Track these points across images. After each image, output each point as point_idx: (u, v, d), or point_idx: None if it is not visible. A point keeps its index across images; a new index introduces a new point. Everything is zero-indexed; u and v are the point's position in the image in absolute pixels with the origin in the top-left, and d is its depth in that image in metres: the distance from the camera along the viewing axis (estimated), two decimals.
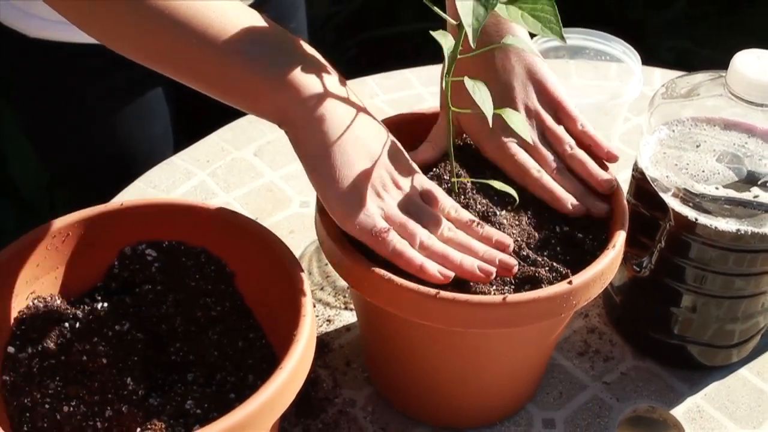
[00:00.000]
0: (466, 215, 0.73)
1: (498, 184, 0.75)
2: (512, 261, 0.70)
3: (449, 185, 0.76)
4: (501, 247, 0.71)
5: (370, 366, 0.85)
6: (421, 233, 0.70)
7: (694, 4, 2.51)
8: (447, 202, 0.73)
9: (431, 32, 0.71)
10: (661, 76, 1.23)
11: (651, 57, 1.34)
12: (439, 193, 0.73)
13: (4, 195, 1.91)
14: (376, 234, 0.69)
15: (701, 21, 2.47)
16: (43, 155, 1.21)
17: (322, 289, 0.94)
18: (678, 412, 0.84)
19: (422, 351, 0.76)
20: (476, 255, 0.70)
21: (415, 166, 0.74)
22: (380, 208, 0.70)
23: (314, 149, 0.69)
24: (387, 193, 0.71)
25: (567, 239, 0.75)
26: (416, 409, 0.81)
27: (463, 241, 0.71)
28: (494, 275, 0.69)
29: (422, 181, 0.73)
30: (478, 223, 0.72)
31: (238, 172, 1.07)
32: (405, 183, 0.72)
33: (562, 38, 0.65)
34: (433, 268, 0.68)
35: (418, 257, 0.69)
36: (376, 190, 0.70)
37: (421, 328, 0.71)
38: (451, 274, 0.68)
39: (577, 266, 0.72)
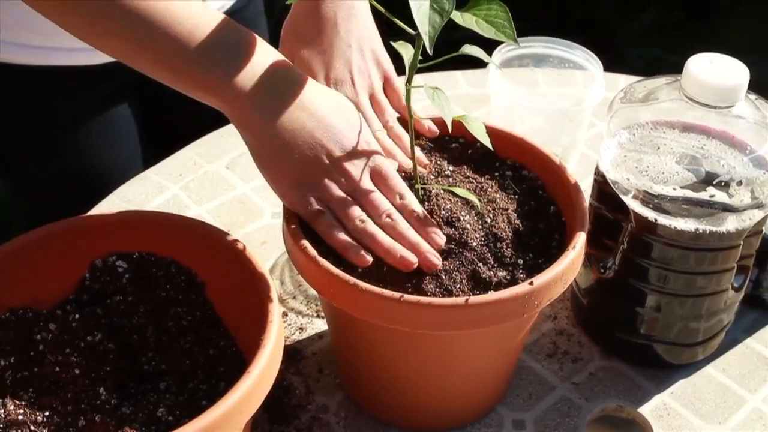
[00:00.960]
0: (412, 204, 0.75)
1: (461, 191, 0.76)
2: (435, 261, 0.73)
3: (413, 192, 0.78)
4: (433, 243, 0.74)
5: (341, 372, 0.86)
6: (356, 216, 0.74)
7: (663, 13, 2.55)
8: (397, 186, 0.76)
9: (392, 43, 0.72)
10: (625, 82, 1.25)
11: (621, 65, 1.36)
12: (391, 174, 0.76)
13: None
14: (309, 214, 0.74)
15: (670, 29, 2.50)
16: (11, 178, 1.22)
17: (294, 297, 0.95)
18: (645, 410, 0.86)
19: (390, 355, 0.77)
20: (406, 244, 0.73)
21: (374, 143, 0.77)
22: (319, 189, 0.74)
23: (257, 136, 0.74)
24: (330, 175, 0.74)
25: (529, 242, 0.77)
26: (387, 413, 0.83)
27: (398, 228, 0.74)
28: (414, 266, 0.72)
29: (377, 160, 0.76)
30: (419, 216, 0.75)
31: (210, 185, 1.09)
32: (356, 163, 0.75)
33: (515, 41, 0.67)
34: (356, 251, 0.73)
35: (345, 238, 0.73)
36: (316, 172, 0.74)
37: (387, 332, 0.72)
38: (369, 258, 0.72)
39: (539, 268, 0.74)
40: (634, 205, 0.81)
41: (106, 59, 1.07)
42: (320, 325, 0.92)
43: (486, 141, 0.74)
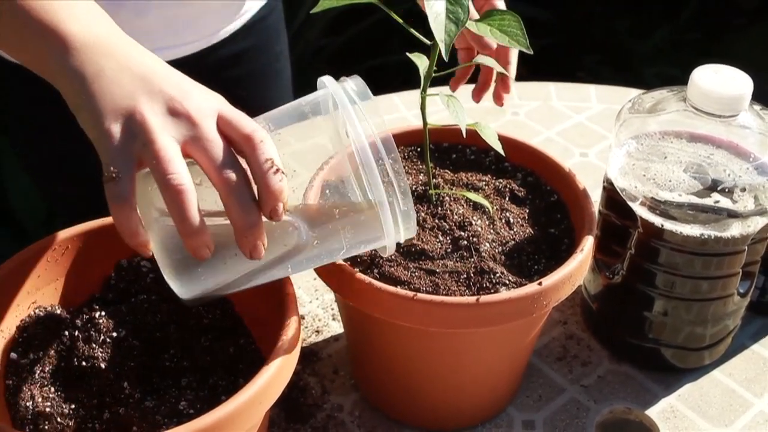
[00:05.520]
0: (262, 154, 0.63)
1: (473, 196, 0.79)
2: (260, 249, 0.63)
3: (428, 196, 0.81)
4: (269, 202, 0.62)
5: (355, 371, 0.89)
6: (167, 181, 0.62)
7: (678, 32, 2.58)
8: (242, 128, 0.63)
9: (408, 54, 0.75)
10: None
11: (638, 83, 1.39)
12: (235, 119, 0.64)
13: (5, 225, 1.95)
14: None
15: (685, 48, 2.53)
16: (42, 186, 1.24)
17: (311, 302, 0.98)
18: (653, 412, 0.88)
19: (403, 353, 0.79)
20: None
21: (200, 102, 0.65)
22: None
23: (73, 97, 0.65)
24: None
25: (539, 245, 0.80)
26: (400, 412, 0.85)
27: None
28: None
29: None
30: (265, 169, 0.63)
31: None
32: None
33: (528, 49, 0.70)
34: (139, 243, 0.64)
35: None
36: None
37: (401, 330, 0.75)
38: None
39: (549, 270, 0.76)
40: (642, 212, 0.83)
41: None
42: (336, 328, 0.95)
43: (498, 147, 0.77)
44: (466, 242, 0.77)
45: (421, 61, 0.75)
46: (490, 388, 0.84)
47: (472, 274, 0.76)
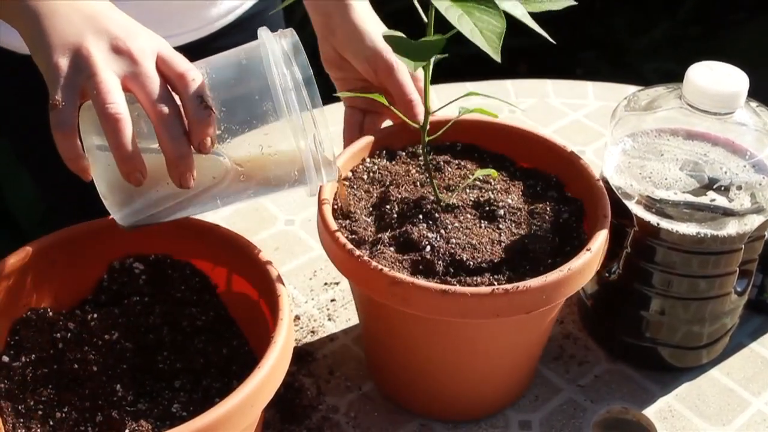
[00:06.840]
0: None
1: (481, 172, 0.81)
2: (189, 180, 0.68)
3: (434, 203, 0.80)
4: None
5: (370, 360, 0.89)
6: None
7: (676, 28, 2.57)
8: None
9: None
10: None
11: (636, 78, 1.38)
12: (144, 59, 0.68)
13: (4, 227, 1.95)
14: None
15: (684, 43, 2.52)
16: (42, 183, 1.24)
17: (306, 302, 0.98)
18: (650, 412, 0.87)
19: (418, 342, 0.80)
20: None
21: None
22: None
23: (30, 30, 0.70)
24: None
25: (553, 237, 0.80)
26: (418, 404, 0.86)
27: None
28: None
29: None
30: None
31: None
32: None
33: (536, 27, 0.68)
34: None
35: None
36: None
37: (423, 320, 0.75)
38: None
39: (560, 261, 0.76)
40: (638, 210, 0.83)
41: None
42: (331, 329, 0.94)
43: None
44: (507, 223, 0.79)
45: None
46: (503, 379, 0.85)
47: (488, 266, 0.76)
